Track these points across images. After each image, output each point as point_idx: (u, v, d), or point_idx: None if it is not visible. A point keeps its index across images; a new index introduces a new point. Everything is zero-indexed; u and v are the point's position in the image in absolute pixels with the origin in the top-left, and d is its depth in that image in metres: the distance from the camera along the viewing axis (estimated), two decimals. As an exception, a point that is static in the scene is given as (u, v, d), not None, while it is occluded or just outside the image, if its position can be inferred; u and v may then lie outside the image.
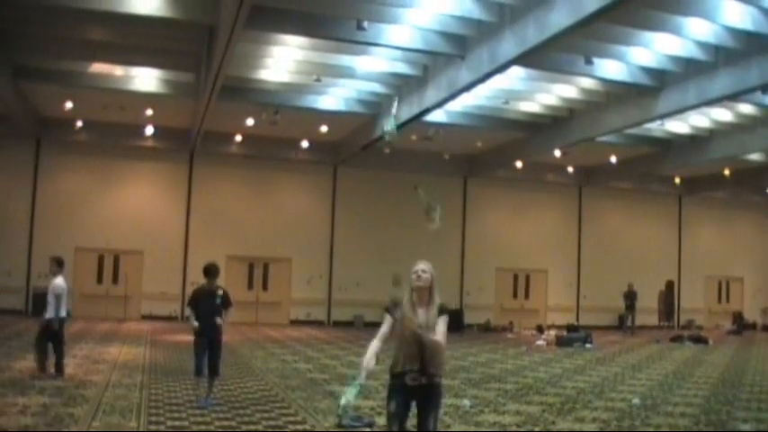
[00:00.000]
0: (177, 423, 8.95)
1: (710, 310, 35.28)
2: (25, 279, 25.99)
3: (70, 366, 13.57)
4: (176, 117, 24.95)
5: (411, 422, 5.96)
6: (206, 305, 10.32)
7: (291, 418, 9.57)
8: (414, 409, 5.87)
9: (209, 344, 10.31)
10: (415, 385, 5.73)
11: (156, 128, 25.56)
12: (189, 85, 21.24)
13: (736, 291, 36.07)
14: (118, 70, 20.80)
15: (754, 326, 34.53)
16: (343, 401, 6.00)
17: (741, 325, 32.94)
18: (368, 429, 7.96)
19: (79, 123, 25.27)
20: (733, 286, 36.04)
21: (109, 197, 27.31)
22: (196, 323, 10.27)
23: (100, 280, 27.26)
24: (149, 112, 23.58)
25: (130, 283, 26.94)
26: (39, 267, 26.09)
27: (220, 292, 10.40)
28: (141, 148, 27.17)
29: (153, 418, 9.17)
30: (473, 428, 9.27)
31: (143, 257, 27.40)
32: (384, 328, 5.94)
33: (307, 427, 9.09)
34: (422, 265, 5.96)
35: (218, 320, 10.33)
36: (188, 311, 10.66)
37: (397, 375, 5.80)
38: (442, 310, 5.88)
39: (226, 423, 9.05)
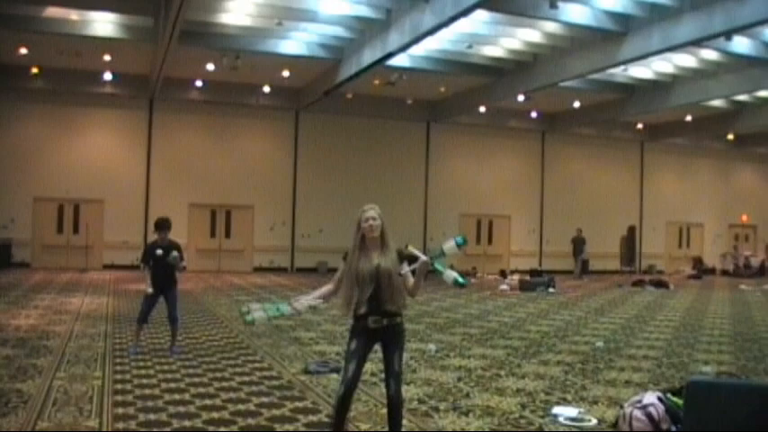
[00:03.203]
0: (143, 371, 8.87)
1: (671, 255, 35.86)
2: (-17, 229, 25.59)
3: (32, 317, 13.42)
4: (135, 63, 24.44)
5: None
6: (160, 261, 10.10)
7: (258, 365, 9.54)
8: (380, 354, 5.83)
9: (164, 296, 10.26)
10: (376, 327, 5.66)
11: (114, 74, 25.04)
12: (147, 29, 20.66)
13: (697, 236, 36.65)
14: (74, 14, 20.18)
15: (713, 271, 35.19)
16: (256, 314, 5.78)
17: (701, 270, 33.55)
18: (335, 374, 7.96)
19: (34, 70, 24.64)
20: (693, 232, 36.58)
21: (67, 145, 26.80)
22: (151, 290, 10.13)
23: (60, 230, 26.91)
24: (107, 57, 23.04)
25: (91, 232, 26.61)
26: (-2, 218, 25.82)
27: (174, 253, 10.08)
28: (99, 95, 26.62)
29: (118, 368, 9.08)
30: (439, 372, 9.31)
31: (103, 206, 27.04)
32: (338, 274, 5.86)
33: (273, 373, 9.06)
34: (371, 212, 5.78)
35: (176, 274, 10.27)
36: (143, 267, 10.43)
37: (360, 317, 5.73)
38: (402, 257, 5.73)
39: (192, 371, 8.99)
